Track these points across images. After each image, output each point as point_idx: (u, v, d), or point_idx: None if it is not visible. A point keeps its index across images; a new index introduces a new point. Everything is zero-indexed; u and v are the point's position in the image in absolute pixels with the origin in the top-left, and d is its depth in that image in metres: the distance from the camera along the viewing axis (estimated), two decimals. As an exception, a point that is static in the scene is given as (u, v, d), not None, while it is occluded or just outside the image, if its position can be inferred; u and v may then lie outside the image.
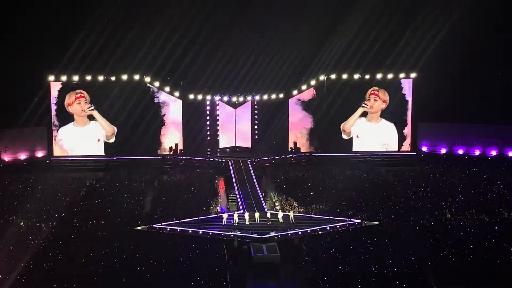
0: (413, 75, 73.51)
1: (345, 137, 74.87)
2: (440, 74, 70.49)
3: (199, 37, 72.31)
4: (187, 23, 71.18)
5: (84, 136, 72.66)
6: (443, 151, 73.74)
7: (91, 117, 72.43)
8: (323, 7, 70.87)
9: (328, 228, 52.44)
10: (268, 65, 73.58)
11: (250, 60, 73.55)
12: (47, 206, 55.71)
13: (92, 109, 71.91)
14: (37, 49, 68.76)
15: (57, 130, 72.12)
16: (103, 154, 72.72)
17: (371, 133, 74.92)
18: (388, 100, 74.13)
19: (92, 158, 72.25)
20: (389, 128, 74.80)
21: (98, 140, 72.80)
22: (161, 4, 71.37)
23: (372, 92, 74.01)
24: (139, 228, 52.49)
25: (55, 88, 71.50)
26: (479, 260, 44.48)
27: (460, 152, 73.12)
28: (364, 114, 74.61)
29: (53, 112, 71.66)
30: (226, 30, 73.02)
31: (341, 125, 74.67)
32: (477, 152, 72.61)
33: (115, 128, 72.58)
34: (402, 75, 73.67)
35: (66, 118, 72.12)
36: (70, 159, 72.16)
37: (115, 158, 72.22)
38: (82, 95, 71.68)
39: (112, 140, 72.87)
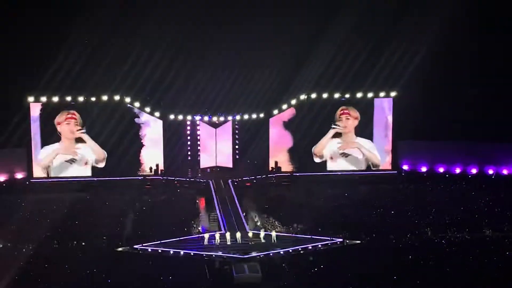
0: (393, 93, 73.83)
1: (317, 160, 74.80)
2: (420, 92, 70.88)
3: (179, 57, 72.30)
4: (167, 43, 71.31)
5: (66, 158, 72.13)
6: (424, 169, 74.00)
7: (78, 140, 71.81)
8: (303, 26, 71.27)
9: (310, 247, 52.27)
10: (248, 84, 73.73)
11: (230, 80, 73.68)
12: (27, 228, 55.02)
13: (83, 132, 71.38)
14: (16, 70, 68.40)
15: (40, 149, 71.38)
16: (85, 175, 72.03)
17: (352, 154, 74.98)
18: (359, 117, 74.19)
19: (73, 180, 71.56)
20: (369, 144, 74.76)
21: (86, 164, 72.21)
22: (141, 25, 71.32)
23: (342, 112, 74.08)
24: (120, 249, 51.99)
25: (35, 108, 70.89)
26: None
27: (441, 170, 73.46)
28: (337, 136, 74.51)
29: (33, 132, 70.82)
30: (206, 50, 73.17)
31: (313, 149, 74.54)
32: (458, 170, 73.02)
33: (106, 153, 72.04)
34: (382, 94, 73.97)
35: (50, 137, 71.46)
36: (50, 180, 71.44)
37: (95, 179, 71.70)
38: (73, 116, 71.21)
39: (101, 165, 72.33)
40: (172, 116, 74.18)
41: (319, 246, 52.63)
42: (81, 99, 70.93)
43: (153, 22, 70.76)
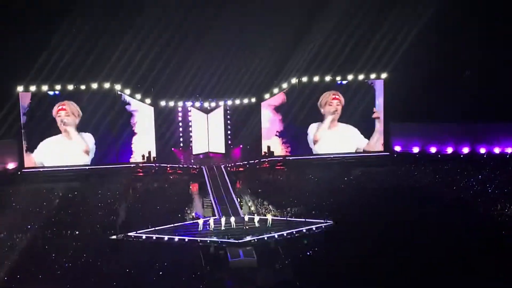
0: (383, 75, 73.83)
1: (312, 145, 75.05)
2: (411, 74, 70.89)
3: (170, 43, 72.03)
4: (158, 29, 71.06)
5: (67, 148, 72.23)
6: (416, 150, 74.20)
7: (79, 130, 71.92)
8: (294, 10, 71.09)
9: (304, 230, 52.38)
10: (240, 69, 73.55)
11: (221, 65, 73.44)
12: (19, 218, 54.85)
13: (65, 125, 71.15)
14: (5, 60, 67.92)
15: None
16: (77, 164, 71.97)
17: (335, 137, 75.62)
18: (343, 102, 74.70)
19: (64, 168, 71.40)
20: (351, 130, 75.22)
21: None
22: (131, 12, 70.92)
23: (334, 96, 74.14)
24: (114, 237, 51.92)
25: (25, 98, 70.50)
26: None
27: (433, 150, 73.65)
28: (320, 120, 74.83)
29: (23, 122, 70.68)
30: (197, 36, 72.91)
31: (314, 136, 74.89)
32: (450, 150, 73.23)
33: (89, 145, 72.04)
34: (373, 76, 73.95)
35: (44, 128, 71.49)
36: (41, 170, 71.21)
37: (87, 167, 71.56)
38: (63, 107, 70.87)
39: (88, 156, 72.42)
40: (163, 103, 73.90)
41: (313, 229, 52.73)
42: (70, 87, 70.45)
43: (144, 9, 70.37)
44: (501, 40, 70.84)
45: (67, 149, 72.10)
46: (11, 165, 70.76)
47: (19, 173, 70.61)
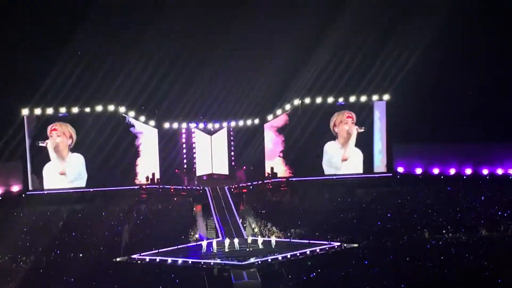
0: (386, 97, 74.08)
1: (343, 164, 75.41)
2: (413, 95, 71.21)
3: (174, 65, 72.48)
4: (162, 51, 71.56)
5: (65, 169, 72.38)
6: (419, 171, 74.29)
7: (73, 150, 72.09)
8: (297, 32, 71.53)
9: (308, 252, 52.41)
10: (243, 91, 73.85)
11: (225, 86, 73.87)
12: (24, 241, 55.00)
13: (43, 143, 71.33)
14: (11, 83, 68.47)
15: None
16: (80, 186, 72.16)
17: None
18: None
19: (69, 191, 71.58)
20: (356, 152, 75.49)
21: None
22: (136, 35, 71.48)
23: (348, 115, 74.47)
24: (118, 259, 52.01)
25: (30, 121, 70.89)
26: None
27: (436, 171, 73.74)
28: (334, 138, 75.04)
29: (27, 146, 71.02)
30: (200, 58, 73.35)
31: (343, 156, 75.17)
32: (453, 171, 73.31)
33: (64, 169, 72.22)
34: (375, 98, 74.22)
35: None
36: (45, 192, 71.42)
37: (91, 190, 71.70)
38: (55, 128, 71.24)
39: (64, 178, 72.47)
40: (167, 125, 74.23)
41: (317, 250, 52.76)
42: (75, 110, 70.86)
43: (148, 32, 70.88)
44: (503, 62, 71.09)
45: (60, 170, 72.29)
46: (15, 188, 70.92)
47: (23, 195, 70.75)
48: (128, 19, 72.34)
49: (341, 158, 75.38)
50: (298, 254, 52.01)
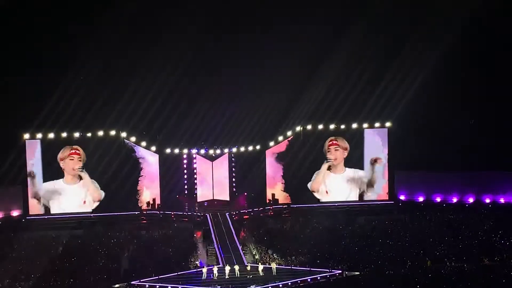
0: (388, 124, 74.02)
1: (317, 195, 74.78)
2: (415, 123, 71.41)
3: (176, 91, 72.77)
4: (163, 77, 71.83)
5: (70, 194, 71.66)
6: (420, 199, 74.02)
7: (80, 177, 71.73)
8: (298, 59, 71.89)
9: (309, 279, 52.05)
10: (245, 117, 73.97)
11: (226, 112, 74.05)
12: (23, 266, 54.69)
13: (81, 171, 71.12)
14: (12, 107, 68.61)
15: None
16: (81, 211, 71.75)
17: (341, 185, 74.90)
18: (349, 148, 74.25)
19: (69, 216, 71.19)
20: (358, 175, 74.97)
21: (84, 202, 71.78)
22: (137, 61, 71.85)
23: (331, 142, 74.21)
24: (117, 285, 51.68)
25: (31, 146, 70.78)
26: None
27: (438, 199, 73.48)
28: (328, 168, 74.60)
29: (31, 168, 70.67)
30: (202, 84, 73.69)
31: (309, 185, 74.44)
32: (455, 200, 73.04)
33: (103, 193, 71.76)
34: (377, 124, 74.16)
35: (52, 174, 71.25)
36: (46, 217, 71.09)
37: (92, 215, 71.37)
38: (77, 152, 71.07)
39: (95, 205, 71.92)
40: (168, 150, 74.17)
41: (318, 278, 52.43)
42: (76, 135, 70.79)
43: (149, 59, 71.23)
44: (503, 90, 71.36)
45: (74, 194, 71.81)
46: (15, 213, 70.62)
47: (23, 220, 70.41)
48: (130, 46, 72.69)
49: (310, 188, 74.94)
50: (299, 282, 51.65)
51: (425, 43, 72.04)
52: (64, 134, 70.62)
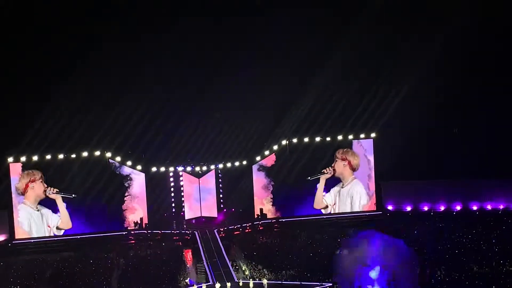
0: (373, 135, 74.14)
1: (323, 211, 74.58)
2: (400, 132, 71.62)
3: (162, 109, 72.69)
4: (149, 96, 71.79)
5: (38, 218, 70.70)
6: (408, 208, 74.13)
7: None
8: (283, 74, 72.13)
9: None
10: (230, 133, 73.98)
11: (212, 129, 74.05)
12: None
13: (56, 192, 70.39)
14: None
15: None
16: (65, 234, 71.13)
17: (347, 197, 74.92)
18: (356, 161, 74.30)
19: (55, 239, 70.46)
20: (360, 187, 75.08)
21: (48, 227, 70.77)
22: (124, 78, 71.83)
23: (343, 157, 74.07)
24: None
25: (14, 169, 70.14)
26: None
27: (425, 208, 73.63)
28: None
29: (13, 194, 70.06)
30: (188, 101, 73.82)
31: (314, 205, 74.28)
32: (442, 208, 73.22)
33: (71, 224, 70.75)
34: (362, 135, 74.25)
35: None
36: (32, 241, 70.29)
37: (78, 237, 70.71)
38: (32, 178, 70.14)
39: (60, 233, 70.62)
40: (154, 169, 73.80)
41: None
42: (61, 156, 70.17)
43: (134, 77, 71.23)
44: (490, 97, 71.89)
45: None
46: (1, 237, 69.81)
47: (9, 245, 69.59)
48: (117, 63, 72.50)
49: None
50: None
51: (411, 52, 72.51)
52: (48, 156, 70.05)
